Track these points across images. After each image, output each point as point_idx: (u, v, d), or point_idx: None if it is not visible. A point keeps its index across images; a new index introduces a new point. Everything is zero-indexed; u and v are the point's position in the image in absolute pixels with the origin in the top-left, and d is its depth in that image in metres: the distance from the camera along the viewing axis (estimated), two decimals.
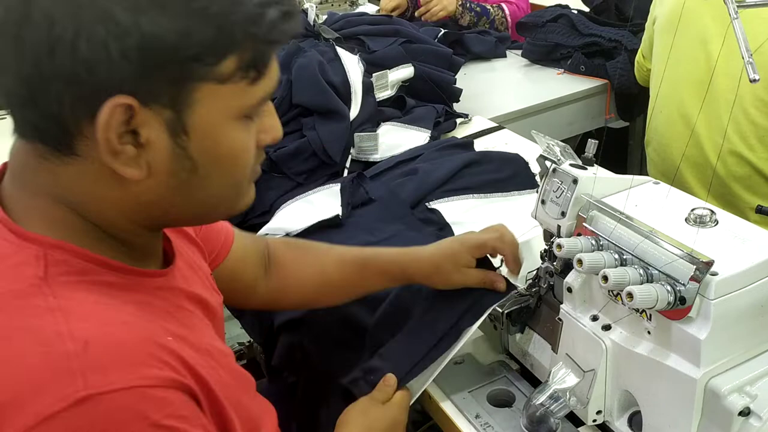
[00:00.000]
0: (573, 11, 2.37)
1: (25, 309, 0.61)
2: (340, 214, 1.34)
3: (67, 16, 0.58)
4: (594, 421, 0.91)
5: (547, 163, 0.96)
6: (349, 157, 1.60)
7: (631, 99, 2.22)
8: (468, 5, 2.54)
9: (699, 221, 0.86)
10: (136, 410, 0.59)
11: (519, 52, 2.44)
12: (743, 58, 0.70)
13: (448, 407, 1.01)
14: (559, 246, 0.87)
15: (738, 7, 0.75)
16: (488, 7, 2.58)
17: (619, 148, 2.48)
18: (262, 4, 0.63)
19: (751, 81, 0.69)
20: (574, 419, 0.94)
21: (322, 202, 1.40)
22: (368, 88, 1.69)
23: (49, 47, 0.58)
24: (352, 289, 1.08)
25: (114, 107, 0.60)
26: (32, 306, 0.61)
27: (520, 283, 1.03)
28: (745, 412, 0.77)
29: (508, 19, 2.60)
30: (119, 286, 0.67)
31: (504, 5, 2.61)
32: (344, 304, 1.12)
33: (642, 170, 2.22)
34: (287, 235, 1.31)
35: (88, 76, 0.59)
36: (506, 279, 1.02)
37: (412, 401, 0.99)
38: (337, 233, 1.30)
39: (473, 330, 1.00)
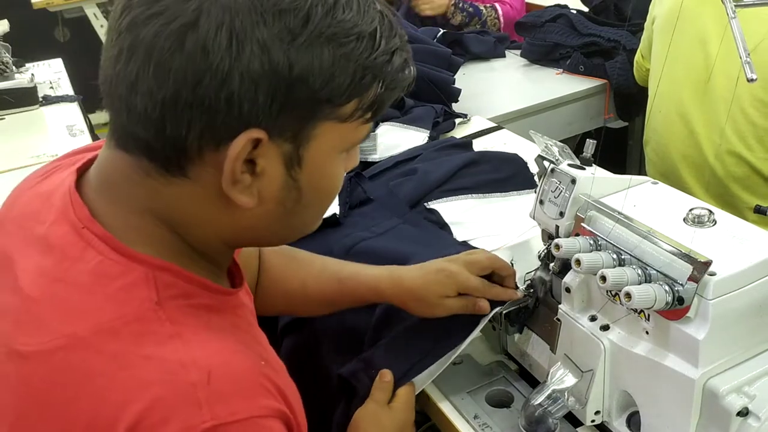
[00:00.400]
0: (572, 11, 2.37)
1: (145, 335, 0.60)
2: (338, 213, 1.34)
3: (225, 48, 0.58)
4: (592, 421, 0.91)
5: (546, 164, 0.95)
6: None
7: (630, 99, 2.22)
8: (460, 5, 2.53)
9: (697, 221, 0.85)
10: None
11: (518, 52, 2.44)
12: (741, 57, 0.70)
13: (446, 408, 1.01)
14: (558, 246, 0.87)
15: (736, 6, 0.74)
16: (481, 7, 2.57)
17: (618, 148, 2.48)
18: (390, 51, 0.65)
19: (748, 80, 0.69)
20: (572, 420, 0.94)
21: None
22: None
23: (197, 77, 0.58)
24: (329, 304, 1.07)
25: (248, 140, 0.61)
26: (151, 332, 0.61)
27: (520, 284, 1.03)
28: (744, 413, 0.77)
29: (501, 19, 2.59)
30: (215, 309, 0.67)
31: (497, 5, 2.60)
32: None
33: (641, 170, 2.22)
34: None
35: (229, 108, 0.59)
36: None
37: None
38: (334, 231, 1.30)
39: (477, 331, 1.00)
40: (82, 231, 0.65)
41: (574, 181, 0.91)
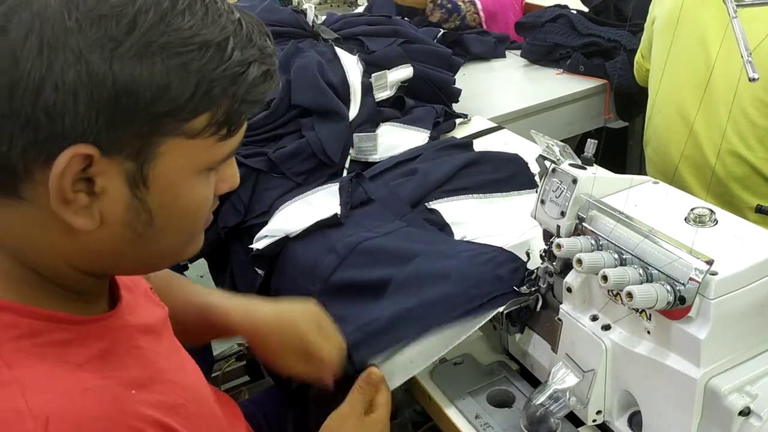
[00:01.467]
0: (572, 11, 2.37)
1: None
2: (339, 213, 1.34)
3: (36, 56, 0.54)
4: (594, 421, 0.91)
5: (547, 163, 0.95)
6: (348, 157, 1.60)
7: (630, 99, 2.22)
8: (439, 1, 2.51)
9: (698, 221, 0.85)
10: None
11: (518, 52, 2.44)
12: (742, 57, 0.70)
13: (447, 408, 1.01)
14: (559, 246, 0.87)
15: (737, 6, 0.74)
16: (459, 3, 2.56)
17: (619, 148, 2.48)
18: (245, 62, 0.60)
19: (750, 80, 0.69)
20: (574, 419, 0.93)
21: (321, 202, 1.40)
22: (367, 89, 1.69)
23: (8, 89, 0.54)
24: (191, 332, 0.96)
25: (72, 156, 0.56)
26: None
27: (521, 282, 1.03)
28: (746, 412, 0.77)
29: (481, 13, 2.55)
30: (73, 343, 0.62)
31: (477, 1, 2.58)
32: (348, 304, 1.10)
33: (641, 170, 2.22)
34: (287, 236, 1.30)
35: (49, 122, 0.55)
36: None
37: (400, 383, 0.97)
38: (335, 230, 1.30)
39: (471, 331, 1.00)
40: None
41: (575, 181, 0.91)
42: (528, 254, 1.03)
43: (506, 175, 1.50)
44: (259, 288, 1.35)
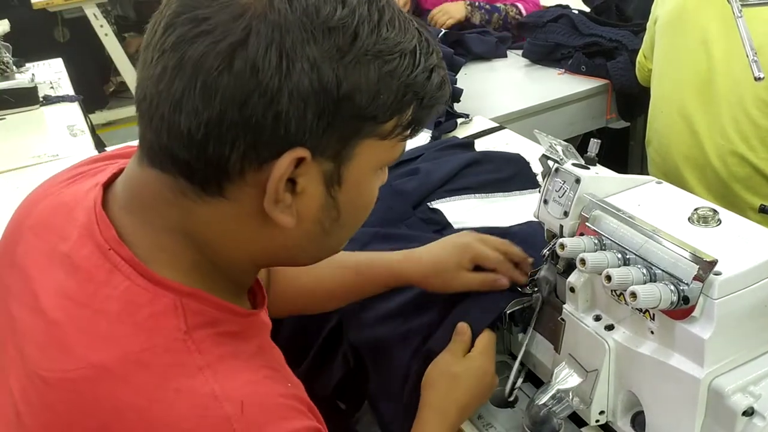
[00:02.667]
0: (574, 11, 2.37)
1: (174, 367, 0.59)
2: None
3: (276, 66, 0.57)
4: (597, 421, 0.91)
5: (550, 163, 0.95)
6: None
7: (631, 99, 2.22)
8: (477, 4, 2.53)
9: (702, 221, 0.85)
10: None
11: (520, 52, 2.44)
12: (747, 56, 0.70)
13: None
14: (562, 246, 0.87)
15: (742, 5, 0.74)
16: (498, 5, 2.58)
17: (620, 148, 2.48)
18: (428, 68, 0.64)
19: (756, 79, 0.69)
20: (577, 420, 0.93)
21: None
22: None
23: (243, 97, 0.57)
24: (345, 296, 1.08)
25: (292, 160, 0.59)
26: (181, 364, 0.60)
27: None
28: (749, 412, 0.77)
29: (523, 12, 2.58)
30: (241, 335, 0.66)
31: (519, 4, 2.60)
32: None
33: (643, 170, 2.22)
34: None
35: (275, 127, 0.58)
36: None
37: None
38: None
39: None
40: (109, 253, 0.63)
41: (578, 181, 0.91)
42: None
43: (508, 174, 1.50)
44: None
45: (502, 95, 2.22)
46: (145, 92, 0.61)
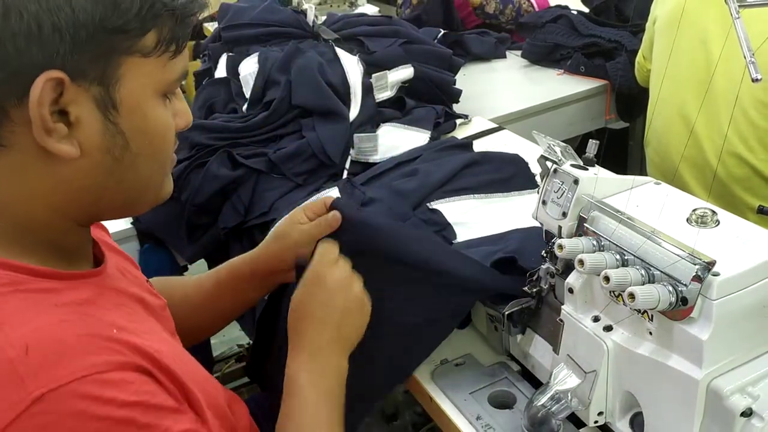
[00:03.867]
0: (573, 12, 2.37)
1: None
2: None
3: None
4: (595, 422, 0.91)
5: (548, 164, 0.95)
6: (349, 158, 1.60)
7: (631, 99, 2.22)
8: None
9: (700, 221, 0.85)
10: (95, 396, 0.58)
11: (519, 52, 2.44)
12: (745, 57, 0.70)
13: (448, 408, 1.00)
14: (561, 246, 0.87)
15: (739, 6, 0.74)
16: None
17: (619, 148, 2.48)
18: None
19: (753, 80, 0.69)
20: (575, 421, 0.93)
21: None
22: (368, 89, 1.69)
23: None
24: (216, 308, 1.06)
25: (46, 82, 0.59)
26: None
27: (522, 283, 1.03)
28: (747, 413, 0.77)
29: (535, 7, 2.59)
30: (55, 291, 0.65)
31: None
32: None
33: (642, 171, 2.22)
34: None
35: (17, 53, 0.58)
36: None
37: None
38: None
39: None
40: None
41: (576, 182, 0.91)
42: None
43: (507, 175, 1.50)
44: None
45: (501, 96, 2.21)
46: None
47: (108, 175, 0.67)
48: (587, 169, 0.93)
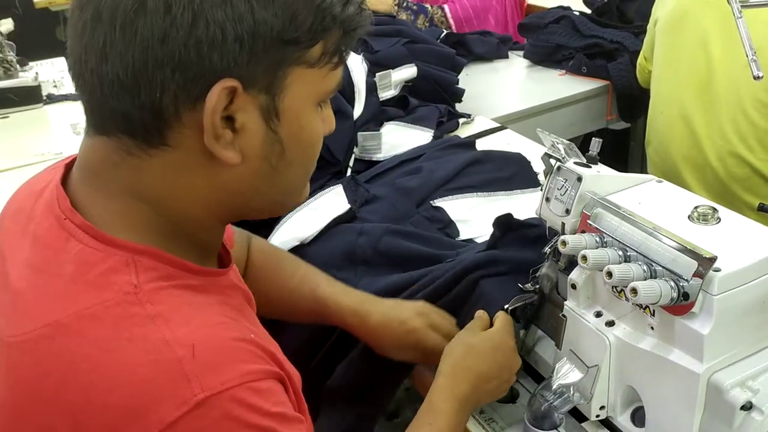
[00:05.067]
0: (575, 13, 2.38)
1: (125, 318, 0.61)
2: (353, 207, 1.35)
3: (183, 1, 0.59)
4: (597, 416, 0.92)
5: (552, 161, 0.96)
6: (353, 156, 1.61)
7: (632, 100, 2.23)
8: (404, 4, 2.53)
9: (702, 218, 0.87)
10: (249, 404, 0.61)
11: (521, 53, 2.45)
12: (747, 55, 0.71)
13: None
14: (564, 242, 0.88)
15: (742, 6, 0.76)
16: (426, 6, 2.58)
17: (620, 149, 2.49)
18: None
19: (754, 78, 0.70)
20: (577, 415, 0.94)
21: (327, 205, 1.41)
22: (371, 88, 1.70)
23: (162, 33, 0.59)
24: (303, 317, 1.09)
25: (222, 90, 0.61)
26: (131, 315, 0.61)
27: (525, 279, 1.04)
28: (747, 407, 0.78)
29: (450, 19, 2.58)
30: (200, 289, 0.67)
31: (445, 6, 2.59)
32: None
33: (643, 171, 2.22)
34: (301, 243, 1.30)
35: (199, 60, 0.60)
36: None
37: None
38: (350, 226, 1.31)
39: None
40: (64, 222, 0.65)
41: (580, 179, 0.92)
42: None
43: (509, 174, 1.51)
44: None
45: (503, 96, 2.23)
46: (73, 55, 0.64)
47: (262, 180, 0.69)
48: (590, 167, 0.94)
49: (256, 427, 0.61)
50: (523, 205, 1.40)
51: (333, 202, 1.40)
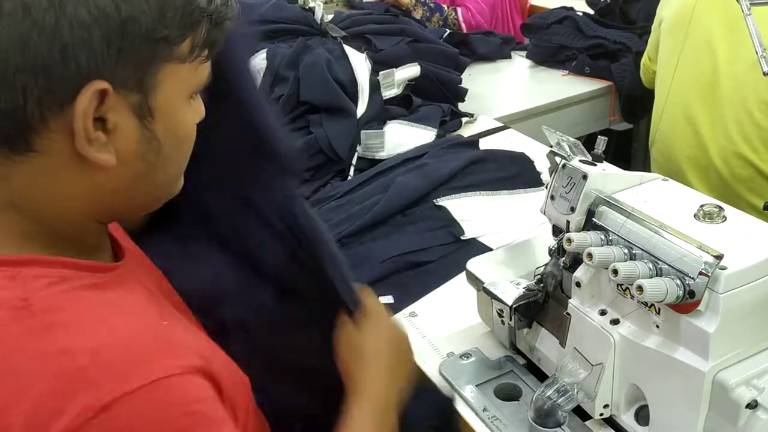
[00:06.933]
0: (578, 13, 2.38)
1: (25, 335, 0.58)
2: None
3: (43, 3, 0.56)
4: (601, 414, 0.92)
5: (557, 159, 0.96)
6: (356, 154, 1.61)
7: (635, 101, 2.23)
8: (423, 0, 2.55)
9: (707, 217, 0.86)
10: (163, 402, 0.58)
11: (524, 53, 2.45)
12: (756, 52, 0.71)
13: (455, 401, 1.01)
14: (569, 240, 0.88)
15: (751, 4, 0.76)
16: (443, 6, 2.59)
17: (623, 150, 2.49)
18: None
19: (765, 74, 0.70)
20: (581, 413, 0.94)
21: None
22: (375, 87, 1.70)
23: (21, 38, 0.56)
24: None
25: (92, 93, 0.59)
26: (28, 330, 0.58)
27: (529, 279, 1.04)
28: (753, 405, 0.78)
29: (461, 22, 2.60)
30: (99, 286, 0.64)
31: (458, 9, 2.61)
32: None
33: (645, 172, 2.23)
34: None
35: (65, 63, 0.57)
36: None
37: None
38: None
39: None
40: None
41: (585, 177, 0.92)
42: None
43: (512, 173, 1.52)
44: None
45: (506, 96, 2.23)
46: None
47: (140, 179, 0.67)
48: (596, 165, 0.94)
49: (174, 425, 0.58)
50: (526, 204, 1.40)
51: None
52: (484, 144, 1.70)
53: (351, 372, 0.83)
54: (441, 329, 1.15)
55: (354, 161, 1.60)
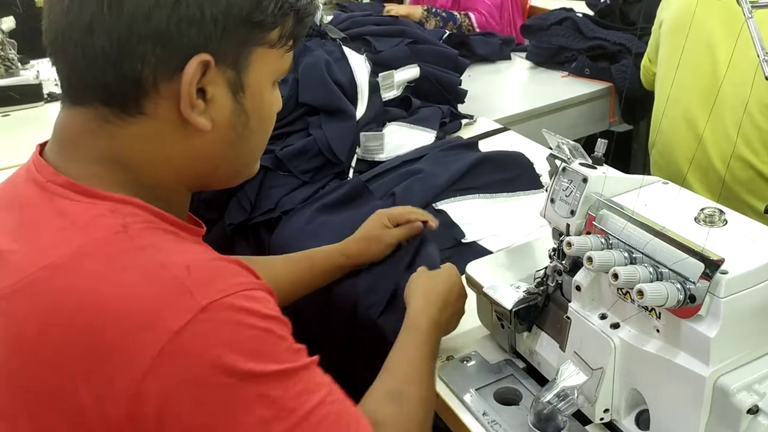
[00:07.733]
0: (578, 15, 2.38)
1: (119, 254, 0.65)
2: None
3: None
4: (601, 419, 0.91)
5: (557, 162, 0.96)
6: (355, 156, 1.61)
7: (634, 103, 2.23)
8: (434, 11, 2.56)
9: (708, 221, 0.86)
10: (246, 308, 0.66)
11: (523, 54, 2.45)
12: (758, 56, 0.70)
13: (454, 404, 1.01)
14: (569, 244, 0.87)
15: (753, 6, 0.75)
16: (455, 13, 2.61)
17: (623, 151, 2.49)
18: None
19: (766, 78, 0.70)
20: (581, 418, 0.94)
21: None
22: (374, 88, 1.69)
23: (147, 11, 0.65)
24: (300, 286, 1.18)
25: (198, 63, 0.67)
26: (124, 250, 0.65)
27: (529, 282, 1.04)
28: (754, 410, 0.78)
29: (475, 28, 2.62)
30: (182, 235, 0.73)
31: (471, 14, 2.62)
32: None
33: (645, 174, 2.22)
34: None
35: (179, 35, 0.66)
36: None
37: None
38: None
39: None
40: (47, 185, 0.70)
41: (585, 180, 0.92)
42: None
43: (512, 175, 1.51)
44: None
45: (506, 97, 2.22)
46: (56, 31, 0.68)
47: (228, 147, 0.75)
48: (596, 168, 0.94)
49: (256, 328, 0.66)
50: (525, 206, 1.39)
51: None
52: (484, 146, 1.70)
53: (408, 304, 1.03)
54: None
55: (353, 163, 1.59)
